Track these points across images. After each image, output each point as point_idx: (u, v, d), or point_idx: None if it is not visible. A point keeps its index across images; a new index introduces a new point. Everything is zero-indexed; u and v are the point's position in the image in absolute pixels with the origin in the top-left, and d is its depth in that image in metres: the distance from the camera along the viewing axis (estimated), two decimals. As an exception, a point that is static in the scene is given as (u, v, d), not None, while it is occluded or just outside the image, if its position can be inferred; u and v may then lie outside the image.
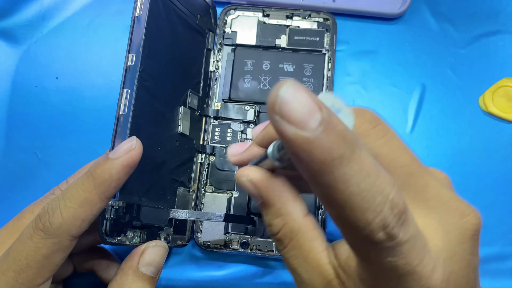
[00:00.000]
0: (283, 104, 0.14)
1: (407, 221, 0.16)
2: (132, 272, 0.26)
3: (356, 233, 0.16)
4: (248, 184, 0.20)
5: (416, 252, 0.16)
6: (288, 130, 0.14)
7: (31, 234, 0.23)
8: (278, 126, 0.14)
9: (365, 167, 0.15)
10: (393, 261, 0.16)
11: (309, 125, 0.14)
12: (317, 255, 0.19)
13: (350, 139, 0.14)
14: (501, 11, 0.40)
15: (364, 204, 0.15)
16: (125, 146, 0.25)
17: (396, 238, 0.16)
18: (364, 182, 0.15)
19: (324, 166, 0.14)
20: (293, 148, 0.14)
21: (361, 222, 0.15)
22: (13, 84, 0.39)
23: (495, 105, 0.38)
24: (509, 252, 0.36)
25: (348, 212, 0.15)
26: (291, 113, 0.14)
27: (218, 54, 0.38)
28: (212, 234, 0.34)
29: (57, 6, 0.41)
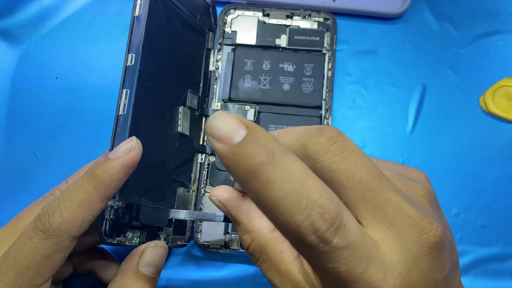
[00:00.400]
0: (212, 128, 0.16)
1: (343, 227, 0.16)
2: (131, 273, 0.26)
3: (291, 236, 0.17)
4: (217, 203, 0.23)
5: (359, 260, 0.17)
6: (217, 146, 0.16)
7: (30, 234, 0.23)
8: (211, 144, 0.16)
9: (289, 173, 0.16)
10: (335, 267, 0.17)
11: (234, 139, 0.16)
12: (287, 265, 0.21)
13: (272, 147, 0.16)
14: (502, 10, 0.40)
15: (290, 207, 0.16)
16: (124, 147, 0.24)
17: (330, 242, 0.16)
18: (288, 187, 0.16)
19: (248, 173, 0.16)
20: (224, 160, 0.16)
21: (291, 225, 0.16)
22: (12, 84, 0.39)
23: (495, 105, 0.38)
24: (509, 252, 0.36)
25: (278, 215, 0.16)
26: (217, 132, 0.16)
27: (218, 54, 0.38)
28: (212, 235, 0.34)
29: (57, 6, 0.41)
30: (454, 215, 0.36)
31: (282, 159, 0.16)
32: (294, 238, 0.17)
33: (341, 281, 0.17)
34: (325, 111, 0.37)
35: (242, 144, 0.16)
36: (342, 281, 0.17)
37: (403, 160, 0.37)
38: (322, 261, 0.17)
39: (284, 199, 0.16)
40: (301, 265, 0.21)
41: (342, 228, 0.16)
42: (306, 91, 0.37)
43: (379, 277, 0.17)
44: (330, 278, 0.18)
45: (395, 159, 0.37)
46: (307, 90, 0.37)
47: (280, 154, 0.16)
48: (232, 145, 0.16)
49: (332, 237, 0.16)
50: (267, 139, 0.16)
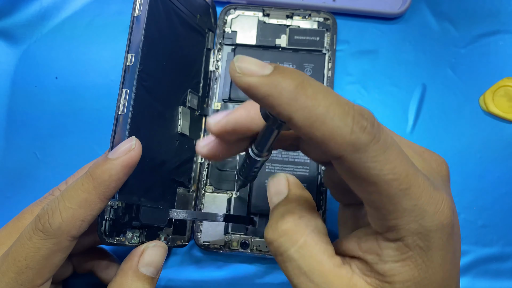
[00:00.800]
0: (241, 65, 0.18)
1: (382, 127, 0.18)
2: (131, 273, 0.26)
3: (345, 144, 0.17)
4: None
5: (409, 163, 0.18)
6: (251, 79, 0.17)
7: (30, 235, 0.23)
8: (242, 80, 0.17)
9: (324, 88, 0.18)
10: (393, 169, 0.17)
11: (265, 70, 0.18)
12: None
13: (298, 72, 0.18)
14: (502, 10, 0.40)
15: (338, 112, 0.17)
16: (124, 147, 0.25)
17: (379, 138, 0.17)
18: (330, 96, 0.17)
19: (293, 92, 0.17)
20: (262, 91, 0.17)
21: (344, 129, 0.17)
22: (12, 84, 0.39)
23: (495, 105, 0.38)
24: (509, 252, 0.36)
25: (330, 123, 0.17)
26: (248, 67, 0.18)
27: (218, 54, 0.38)
28: (212, 235, 0.34)
29: (57, 6, 0.41)
30: (454, 215, 0.36)
31: (313, 80, 0.18)
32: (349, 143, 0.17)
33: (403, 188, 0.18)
34: (325, 111, 0.37)
35: (276, 71, 0.17)
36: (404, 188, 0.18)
37: (403, 160, 0.37)
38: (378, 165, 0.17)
39: (331, 106, 0.17)
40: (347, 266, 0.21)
41: (381, 127, 0.18)
42: (306, 91, 0.37)
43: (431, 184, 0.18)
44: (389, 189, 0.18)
45: (395, 159, 0.37)
46: (307, 90, 0.37)
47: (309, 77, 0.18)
48: (266, 74, 0.17)
49: (378, 133, 0.17)
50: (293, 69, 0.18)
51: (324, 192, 0.35)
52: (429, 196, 0.18)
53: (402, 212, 0.18)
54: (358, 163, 0.17)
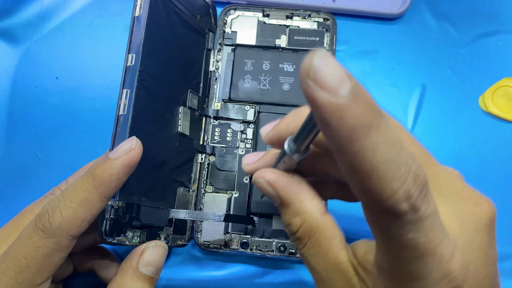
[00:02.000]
0: (317, 71, 0.14)
1: (429, 195, 0.16)
2: (131, 272, 0.26)
3: (380, 205, 0.16)
4: (265, 185, 0.21)
5: (437, 231, 0.17)
6: (320, 95, 0.14)
7: (30, 233, 0.23)
8: (311, 91, 0.14)
9: (391, 138, 0.15)
10: (415, 238, 0.16)
11: (340, 91, 0.14)
12: (336, 253, 0.20)
13: (377, 109, 0.15)
14: (501, 11, 0.40)
15: (389, 172, 0.15)
16: (125, 146, 0.25)
17: (419, 210, 0.16)
18: (390, 151, 0.15)
19: (353, 132, 0.14)
20: (324, 114, 0.14)
21: (386, 192, 0.15)
22: (13, 84, 0.39)
23: (495, 105, 0.38)
24: (509, 252, 0.36)
25: (375, 180, 0.15)
26: (324, 79, 0.14)
27: (218, 54, 0.38)
28: (212, 234, 0.34)
29: (57, 6, 0.41)
30: (453, 215, 0.36)
31: (388, 122, 0.15)
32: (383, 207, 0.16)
33: (415, 255, 0.17)
34: (325, 111, 0.37)
35: (350, 99, 0.14)
36: (417, 254, 0.17)
37: (403, 160, 0.37)
38: (404, 231, 0.16)
39: (385, 164, 0.15)
40: (350, 254, 0.20)
41: (428, 195, 0.16)
42: (306, 91, 0.37)
43: (449, 251, 0.17)
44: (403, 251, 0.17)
45: (395, 159, 0.37)
46: (307, 90, 0.37)
47: (384, 117, 0.15)
48: (339, 98, 0.14)
49: (420, 203, 0.16)
50: (371, 99, 0.15)
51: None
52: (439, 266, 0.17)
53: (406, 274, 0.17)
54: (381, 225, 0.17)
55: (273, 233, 0.34)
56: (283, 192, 0.21)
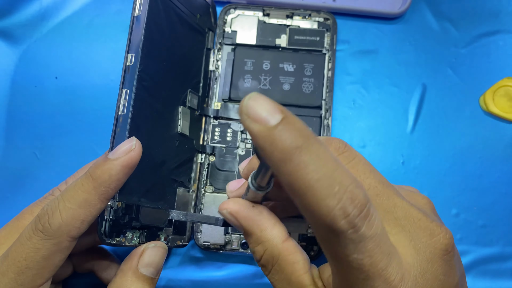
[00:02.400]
0: (249, 108, 0.17)
1: (370, 216, 0.17)
2: (131, 273, 0.26)
3: (322, 224, 0.17)
4: (228, 216, 0.22)
5: (382, 254, 0.17)
6: (253, 126, 0.16)
7: (30, 235, 0.23)
8: (247, 124, 0.17)
9: (322, 158, 0.17)
10: (359, 259, 0.17)
11: (270, 122, 0.16)
12: (299, 277, 0.21)
13: (307, 133, 0.17)
14: (502, 10, 0.40)
15: (323, 190, 0.16)
16: (124, 147, 0.24)
17: (359, 230, 0.17)
18: (322, 170, 0.16)
19: (284, 154, 0.16)
20: (259, 141, 0.16)
21: (322, 209, 0.16)
22: (12, 84, 0.39)
23: (495, 104, 0.38)
24: (509, 252, 0.36)
25: (311, 198, 0.16)
26: (255, 113, 0.16)
27: (218, 54, 0.38)
28: (212, 235, 0.34)
29: (57, 6, 0.41)
30: (454, 215, 0.36)
31: (316, 144, 0.17)
32: (323, 224, 0.17)
33: (361, 276, 0.17)
34: (325, 111, 0.37)
35: (279, 126, 0.16)
36: (362, 276, 0.17)
37: (403, 160, 0.37)
38: (347, 250, 0.17)
39: (318, 182, 0.16)
40: (313, 277, 0.21)
41: (369, 216, 0.17)
42: (306, 91, 0.37)
43: (398, 278, 0.18)
44: (351, 273, 0.17)
45: (395, 159, 0.37)
46: (307, 90, 0.37)
47: (313, 140, 0.17)
48: (269, 127, 0.16)
49: (361, 223, 0.16)
50: (301, 125, 0.17)
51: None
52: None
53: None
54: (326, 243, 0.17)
55: None
56: (245, 222, 0.22)
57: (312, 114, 0.36)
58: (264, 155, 0.17)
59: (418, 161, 0.37)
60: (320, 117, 0.36)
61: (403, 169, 0.37)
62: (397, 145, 0.38)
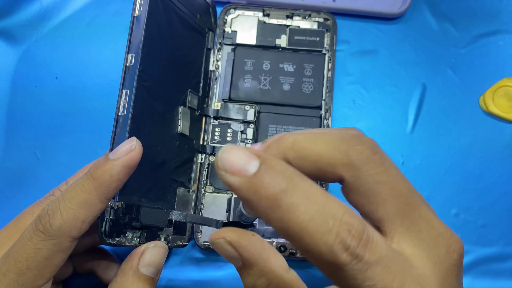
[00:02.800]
0: (224, 161, 0.16)
1: (371, 241, 0.16)
2: (132, 273, 0.26)
3: (324, 261, 0.16)
4: (225, 246, 0.20)
5: (394, 274, 0.17)
6: (232, 179, 0.16)
7: (31, 235, 0.23)
8: (225, 179, 0.16)
9: (311, 196, 0.16)
10: (371, 285, 0.16)
11: (249, 170, 0.16)
12: None
13: (289, 173, 0.16)
14: (502, 10, 0.40)
15: (318, 228, 0.16)
16: (125, 147, 0.24)
17: (362, 258, 0.16)
18: (312, 208, 0.16)
19: (271, 201, 0.16)
20: (242, 193, 0.16)
21: (322, 247, 0.16)
22: (12, 84, 0.39)
23: (495, 105, 0.38)
24: (509, 252, 0.36)
25: (308, 240, 0.16)
26: (231, 166, 0.16)
27: (218, 54, 0.38)
28: (212, 235, 0.34)
29: (57, 6, 0.41)
30: (454, 215, 0.36)
31: (301, 183, 0.16)
32: (326, 262, 0.16)
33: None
34: (325, 111, 0.37)
35: (259, 174, 0.16)
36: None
37: (403, 160, 0.37)
38: (357, 281, 0.16)
39: (312, 221, 0.16)
40: None
41: (370, 242, 0.16)
42: (306, 91, 0.37)
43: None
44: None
45: (395, 159, 0.37)
46: (307, 90, 0.37)
47: (297, 178, 0.16)
48: (249, 177, 0.16)
49: (363, 252, 0.16)
50: (282, 166, 0.16)
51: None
52: None
53: None
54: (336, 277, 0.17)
55: (273, 234, 0.34)
56: (247, 253, 0.20)
57: (312, 114, 0.37)
58: (251, 206, 0.16)
59: (418, 161, 0.37)
60: (320, 117, 0.36)
61: (403, 169, 0.37)
62: (397, 145, 0.38)
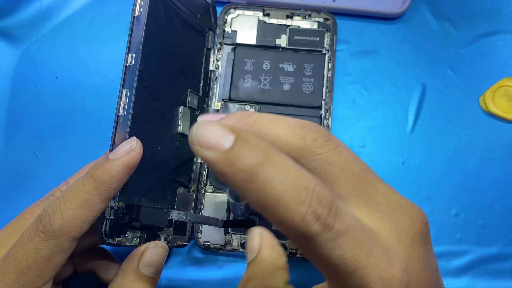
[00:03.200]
0: (198, 136, 0.16)
1: (340, 212, 0.17)
2: (132, 273, 0.26)
3: (297, 231, 0.17)
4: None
5: (362, 242, 0.17)
6: (208, 154, 0.16)
7: (31, 235, 0.23)
8: (201, 154, 0.16)
9: (285, 168, 0.16)
10: (341, 254, 0.17)
11: (224, 145, 0.16)
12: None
13: (265, 147, 0.17)
14: (501, 10, 0.40)
15: (292, 199, 0.16)
16: (125, 147, 0.24)
17: (332, 227, 0.17)
18: (287, 181, 0.16)
19: (247, 174, 0.16)
20: (218, 167, 0.16)
21: (295, 218, 0.16)
22: (12, 84, 0.39)
23: (495, 105, 0.38)
24: (509, 252, 0.36)
25: (282, 211, 0.16)
26: (206, 140, 0.16)
27: (218, 54, 0.38)
28: (212, 235, 0.34)
29: (57, 6, 0.41)
30: (454, 215, 0.36)
31: (276, 156, 0.17)
32: (299, 232, 0.17)
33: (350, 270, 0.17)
34: (325, 111, 0.37)
35: (235, 148, 0.16)
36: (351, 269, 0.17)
37: (403, 160, 0.37)
38: (327, 250, 0.17)
39: (286, 193, 0.16)
40: None
41: (339, 213, 0.17)
42: (306, 91, 0.37)
43: (384, 260, 0.18)
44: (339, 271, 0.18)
45: (395, 159, 0.37)
46: (307, 90, 0.37)
47: (272, 152, 0.17)
48: (225, 150, 0.16)
49: (332, 221, 0.17)
50: (257, 140, 0.17)
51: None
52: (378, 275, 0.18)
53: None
54: (307, 249, 0.17)
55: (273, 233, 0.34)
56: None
57: (312, 114, 0.37)
58: (227, 180, 0.16)
59: (418, 161, 0.37)
60: (320, 117, 0.36)
61: (403, 169, 0.37)
62: (397, 145, 0.38)
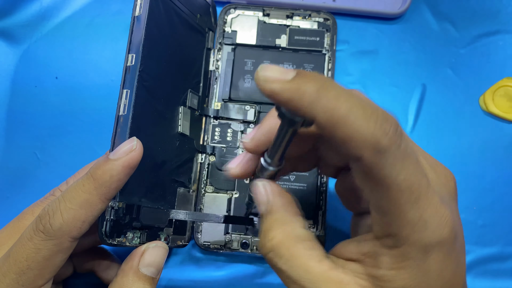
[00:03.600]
0: (265, 73, 0.18)
1: (404, 135, 0.18)
2: (132, 273, 0.26)
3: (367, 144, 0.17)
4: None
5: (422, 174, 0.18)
6: (274, 86, 0.18)
7: (31, 235, 0.23)
8: (268, 87, 0.18)
9: (344, 91, 0.18)
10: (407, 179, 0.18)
11: (288, 76, 0.18)
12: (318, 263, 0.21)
13: (321, 76, 0.18)
14: (501, 10, 0.40)
15: (360, 115, 0.17)
16: (125, 147, 0.25)
17: (400, 145, 0.17)
18: (352, 99, 0.17)
19: (314, 94, 0.17)
20: (284, 96, 0.18)
21: (365, 131, 0.17)
22: (12, 84, 0.39)
23: (495, 105, 0.38)
24: (509, 252, 0.36)
25: (351, 125, 0.17)
26: (272, 75, 0.18)
27: (218, 54, 0.38)
28: (212, 235, 0.34)
29: (57, 6, 0.41)
30: (454, 215, 0.36)
31: (335, 82, 0.18)
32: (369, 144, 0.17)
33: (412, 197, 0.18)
34: (325, 111, 0.37)
35: (298, 76, 0.18)
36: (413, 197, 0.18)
37: (403, 160, 0.37)
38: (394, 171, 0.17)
39: (353, 108, 0.17)
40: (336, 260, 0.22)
41: (404, 135, 0.18)
42: (306, 91, 0.37)
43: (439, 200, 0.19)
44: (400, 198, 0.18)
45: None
46: (307, 90, 0.37)
47: (331, 80, 0.18)
48: (289, 79, 0.18)
49: (399, 140, 0.17)
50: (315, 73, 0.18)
51: (324, 192, 0.35)
52: (435, 210, 0.18)
53: (406, 221, 0.18)
54: (376, 166, 0.18)
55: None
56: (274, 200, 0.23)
57: (312, 114, 0.36)
58: (293, 106, 0.18)
59: (418, 161, 0.37)
60: (320, 117, 0.36)
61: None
62: (397, 145, 0.38)
